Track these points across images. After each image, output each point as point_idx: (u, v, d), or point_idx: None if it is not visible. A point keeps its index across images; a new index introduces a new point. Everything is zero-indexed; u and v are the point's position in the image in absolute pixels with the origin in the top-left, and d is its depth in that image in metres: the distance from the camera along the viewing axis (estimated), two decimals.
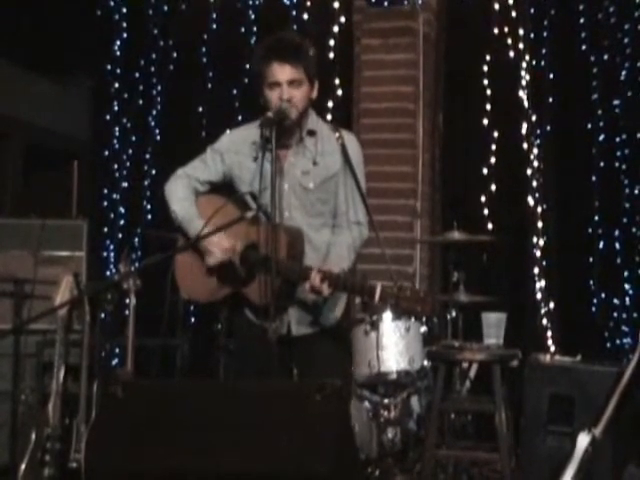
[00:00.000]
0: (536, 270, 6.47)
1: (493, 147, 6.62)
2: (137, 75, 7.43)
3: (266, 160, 3.83)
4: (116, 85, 7.48)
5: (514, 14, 6.62)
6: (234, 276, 3.98)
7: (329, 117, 6.47)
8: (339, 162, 4.05)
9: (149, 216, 7.31)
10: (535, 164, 6.54)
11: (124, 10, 7.47)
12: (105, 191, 7.44)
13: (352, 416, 4.67)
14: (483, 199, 6.58)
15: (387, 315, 5.10)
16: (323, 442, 3.05)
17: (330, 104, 6.70)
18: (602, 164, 6.43)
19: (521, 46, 6.60)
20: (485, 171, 6.61)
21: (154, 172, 7.30)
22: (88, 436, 4.46)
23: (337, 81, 6.82)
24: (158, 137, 7.41)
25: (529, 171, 6.53)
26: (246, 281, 3.97)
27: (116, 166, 7.47)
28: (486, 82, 6.69)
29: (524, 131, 6.56)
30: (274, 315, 3.67)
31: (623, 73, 6.41)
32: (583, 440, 4.07)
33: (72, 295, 4.63)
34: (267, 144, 3.82)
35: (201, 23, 7.27)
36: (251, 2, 7.19)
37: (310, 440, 3.06)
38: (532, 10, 6.59)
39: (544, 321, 6.39)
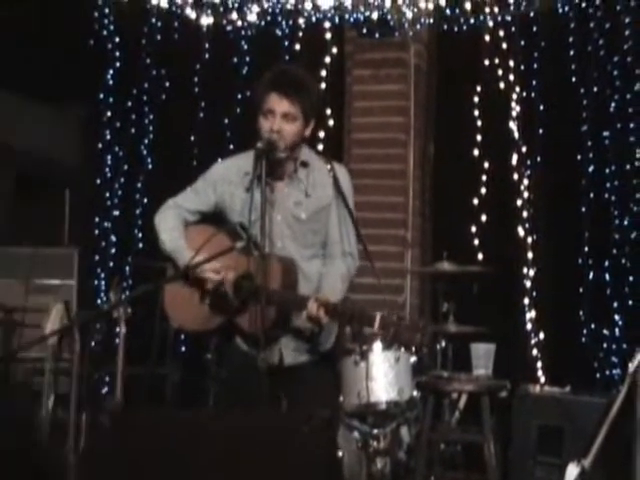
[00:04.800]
0: (526, 301, 6.47)
1: (483, 178, 6.64)
2: (129, 104, 7.45)
3: (257, 191, 3.82)
4: (108, 114, 7.49)
5: (505, 46, 6.65)
6: (226, 305, 3.98)
7: (320, 147, 6.48)
8: (331, 194, 4.07)
9: (140, 245, 7.30)
10: (525, 195, 6.55)
11: (117, 39, 7.49)
12: (96, 219, 7.44)
13: (341, 446, 4.67)
14: (473, 229, 6.59)
15: (377, 345, 5.08)
16: (311, 473, 3.05)
17: (321, 134, 6.71)
18: (592, 195, 6.44)
19: (511, 77, 6.63)
20: (475, 202, 6.62)
21: (145, 201, 7.30)
22: (77, 466, 4.44)
23: (328, 111, 6.83)
24: (150, 166, 7.42)
25: (519, 202, 6.55)
26: (238, 310, 3.97)
27: (108, 194, 7.48)
28: (477, 113, 6.71)
29: (514, 162, 6.58)
30: (264, 344, 3.67)
31: (612, 105, 6.44)
32: (572, 471, 4.06)
33: (62, 324, 4.62)
34: (259, 175, 3.84)
35: (194, 53, 7.29)
36: (244, 32, 7.20)
37: (298, 471, 3.05)
38: (522, 42, 6.62)
39: (534, 352, 6.39)
